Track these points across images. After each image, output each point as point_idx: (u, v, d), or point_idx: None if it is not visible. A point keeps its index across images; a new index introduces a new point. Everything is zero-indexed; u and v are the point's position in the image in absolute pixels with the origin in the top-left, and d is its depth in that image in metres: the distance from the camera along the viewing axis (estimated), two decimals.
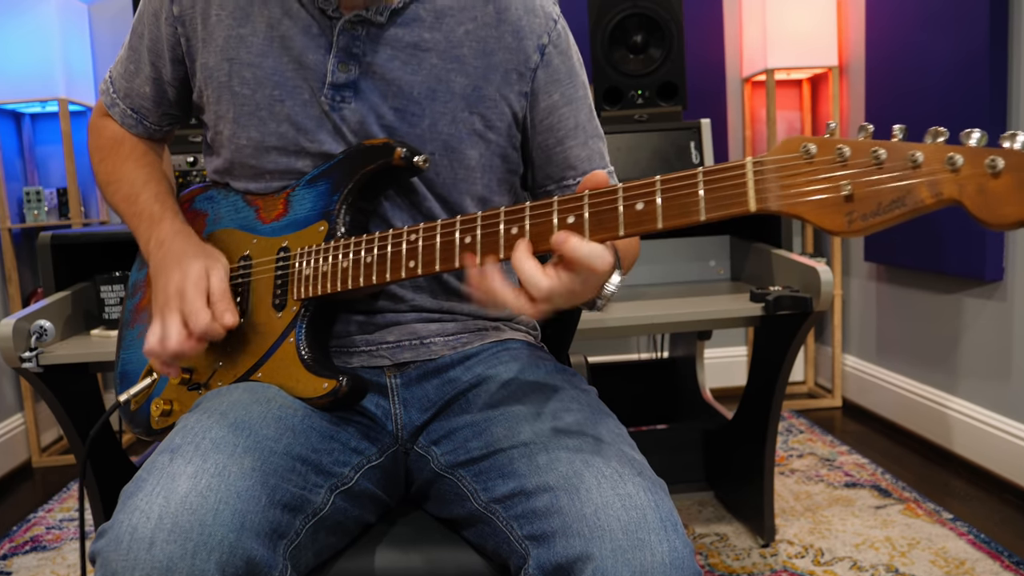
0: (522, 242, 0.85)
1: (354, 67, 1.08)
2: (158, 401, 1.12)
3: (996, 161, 0.63)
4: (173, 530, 0.79)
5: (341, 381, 1.00)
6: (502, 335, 1.19)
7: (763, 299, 1.83)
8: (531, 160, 1.18)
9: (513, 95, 1.13)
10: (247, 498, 0.85)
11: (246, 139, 1.11)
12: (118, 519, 0.82)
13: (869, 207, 0.68)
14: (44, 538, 2.39)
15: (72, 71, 3.07)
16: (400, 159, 1.03)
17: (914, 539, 2.10)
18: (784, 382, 1.95)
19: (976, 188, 0.64)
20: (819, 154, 0.71)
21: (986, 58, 2.32)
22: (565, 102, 1.15)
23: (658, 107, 2.68)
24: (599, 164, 1.18)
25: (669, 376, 2.91)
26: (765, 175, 0.73)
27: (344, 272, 1.01)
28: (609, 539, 0.84)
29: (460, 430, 1.06)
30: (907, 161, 0.66)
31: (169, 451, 0.88)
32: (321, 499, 0.96)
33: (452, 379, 1.12)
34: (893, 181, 0.67)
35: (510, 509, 0.94)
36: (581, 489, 0.89)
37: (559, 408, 1.01)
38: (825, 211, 0.70)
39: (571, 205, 0.84)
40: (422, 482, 1.10)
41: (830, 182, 0.70)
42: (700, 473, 2.52)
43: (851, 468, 2.63)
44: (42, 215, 3.06)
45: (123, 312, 1.26)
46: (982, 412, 2.53)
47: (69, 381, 1.70)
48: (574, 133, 1.16)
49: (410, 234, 0.95)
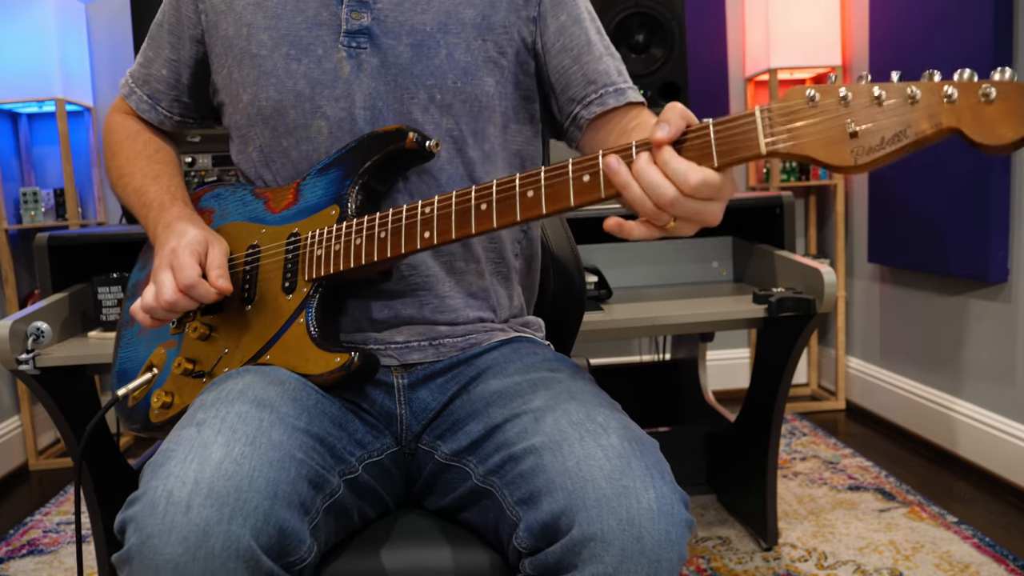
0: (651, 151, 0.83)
1: (366, 13, 1.12)
2: (159, 392, 1.12)
3: (989, 90, 0.70)
4: (210, 495, 0.80)
5: (353, 355, 1.01)
6: (508, 335, 1.20)
7: (766, 301, 1.83)
8: (552, 89, 1.20)
9: (520, 21, 1.16)
10: (279, 468, 0.86)
11: (265, 99, 1.13)
12: (151, 485, 0.82)
13: (873, 141, 0.73)
14: (41, 541, 2.39)
15: (69, 71, 3.07)
16: (413, 143, 1.05)
17: (918, 543, 2.10)
18: (787, 384, 1.96)
19: (972, 115, 0.71)
20: (822, 99, 0.76)
21: (991, 58, 2.32)
22: (573, 22, 1.18)
23: (660, 107, 2.68)
24: (617, 78, 1.18)
25: (671, 378, 2.91)
26: (773, 119, 0.78)
27: (357, 249, 1.02)
28: (592, 489, 0.84)
29: (462, 419, 1.07)
30: (906, 98, 0.73)
31: (195, 424, 0.88)
32: (336, 482, 0.97)
33: (456, 376, 1.13)
34: (894, 115, 0.73)
35: (503, 476, 0.95)
36: (564, 445, 0.89)
37: (553, 383, 1.02)
38: (832, 148, 0.75)
39: (588, 163, 0.87)
40: (427, 476, 1.11)
41: (835, 121, 0.75)
42: (702, 476, 2.52)
43: (855, 471, 2.62)
44: (39, 216, 3.06)
45: (122, 312, 1.26)
46: (987, 415, 2.52)
47: (66, 383, 1.70)
48: (588, 49, 1.18)
49: (424, 207, 0.98)
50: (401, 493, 1.15)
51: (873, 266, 3.16)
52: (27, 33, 2.96)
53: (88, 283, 1.90)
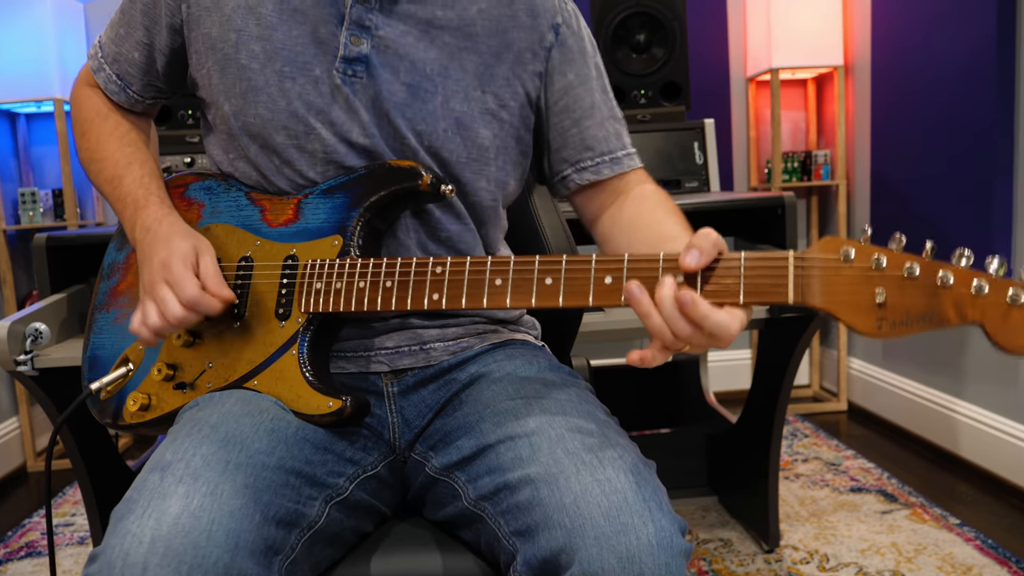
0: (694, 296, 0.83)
1: (366, 40, 1.07)
2: (136, 395, 1.09)
3: (1019, 294, 0.72)
4: (166, 554, 0.79)
5: (346, 402, 0.99)
6: (502, 337, 1.19)
7: None
8: (547, 144, 1.18)
9: (527, 75, 1.13)
10: (240, 517, 0.84)
11: (253, 116, 1.08)
12: (109, 544, 0.81)
13: (898, 316, 0.76)
14: (39, 544, 2.39)
15: (68, 70, 3.07)
16: (427, 186, 1.04)
17: (920, 545, 2.10)
18: (789, 385, 1.95)
19: (998, 315, 0.73)
20: (857, 259, 0.78)
21: (993, 58, 2.33)
22: (580, 82, 1.15)
23: (661, 107, 2.69)
24: (616, 145, 1.17)
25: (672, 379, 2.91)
26: (806, 271, 0.80)
27: (360, 292, 1.00)
28: (591, 527, 0.84)
29: (454, 431, 1.05)
30: (936, 280, 0.75)
31: (159, 469, 0.87)
32: (316, 512, 0.95)
33: (448, 381, 1.12)
34: (923, 296, 0.75)
35: (497, 505, 0.94)
36: (560, 479, 0.88)
37: (546, 401, 1.01)
38: (859, 313, 0.77)
39: (610, 266, 0.87)
40: (418, 488, 1.10)
41: (865, 287, 0.77)
42: (703, 478, 2.52)
43: (857, 473, 2.62)
44: (37, 216, 3.06)
45: (95, 294, 1.21)
46: (989, 416, 2.52)
47: (64, 384, 1.70)
48: (590, 113, 1.16)
49: (435, 266, 0.96)
50: (398, 501, 1.14)
51: None
52: (25, 33, 2.96)
53: (87, 284, 1.89)
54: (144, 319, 1.03)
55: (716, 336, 0.82)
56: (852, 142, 3.26)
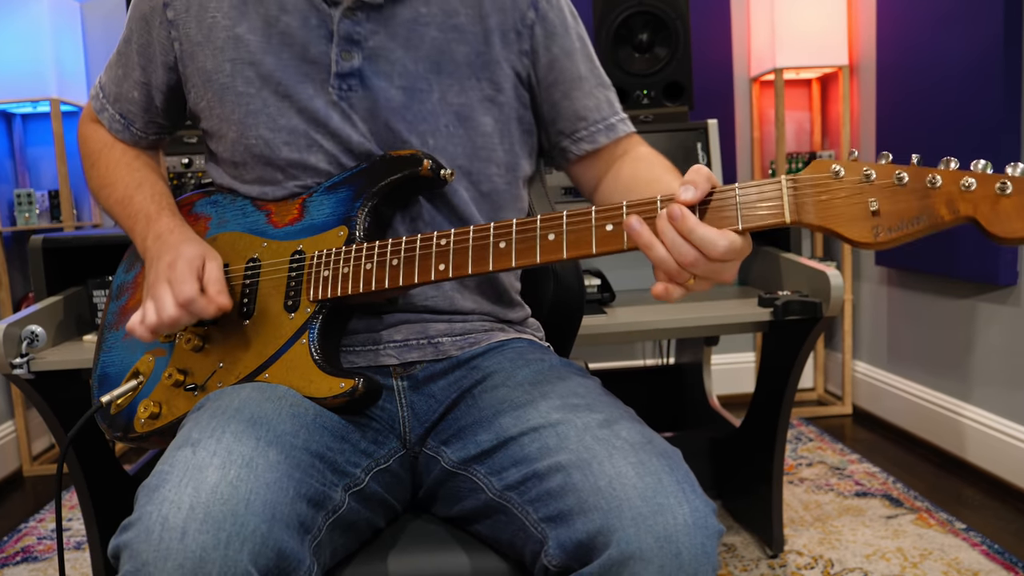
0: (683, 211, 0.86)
1: (357, 54, 1.10)
2: (146, 402, 1.11)
3: (1005, 184, 0.75)
4: (206, 520, 0.80)
5: (358, 382, 1.01)
6: (508, 335, 1.21)
7: (772, 304, 1.83)
8: (542, 120, 1.21)
9: (514, 55, 1.16)
10: (276, 489, 0.86)
11: (255, 138, 1.12)
12: (146, 510, 0.82)
13: (893, 221, 0.79)
14: (35, 548, 2.39)
15: (64, 71, 3.08)
16: (428, 170, 1.06)
17: (926, 550, 2.10)
18: (793, 389, 1.95)
19: (989, 206, 0.75)
20: (847, 175, 0.81)
21: (1000, 57, 2.33)
22: (564, 55, 1.19)
23: (664, 107, 2.69)
24: (608, 112, 1.21)
25: (675, 383, 2.91)
26: (799, 190, 0.83)
27: (367, 274, 1.02)
28: (628, 508, 0.85)
29: (469, 427, 1.07)
30: (926, 183, 0.78)
31: (189, 444, 0.88)
32: (339, 498, 0.97)
33: (459, 377, 1.13)
34: (915, 199, 0.78)
35: (524, 494, 0.95)
36: (593, 463, 0.90)
37: (565, 392, 1.03)
38: (854, 224, 0.80)
39: (612, 214, 0.90)
40: (432, 483, 1.11)
41: (858, 198, 0.80)
42: (707, 482, 2.52)
43: (862, 477, 2.62)
44: (33, 218, 3.07)
45: (105, 314, 1.25)
46: (996, 420, 2.52)
47: (61, 388, 1.70)
48: (578, 84, 1.19)
49: (440, 238, 0.98)
50: (409, 498, 1.15)
51: (880, 269, 3.16)
52: (22, 33, 2.97)
53: (83, 286, 1.90)
54: (142, 317, 1.06)
55: (705, 251, 0.84)
56: (857, 143, 3.26)
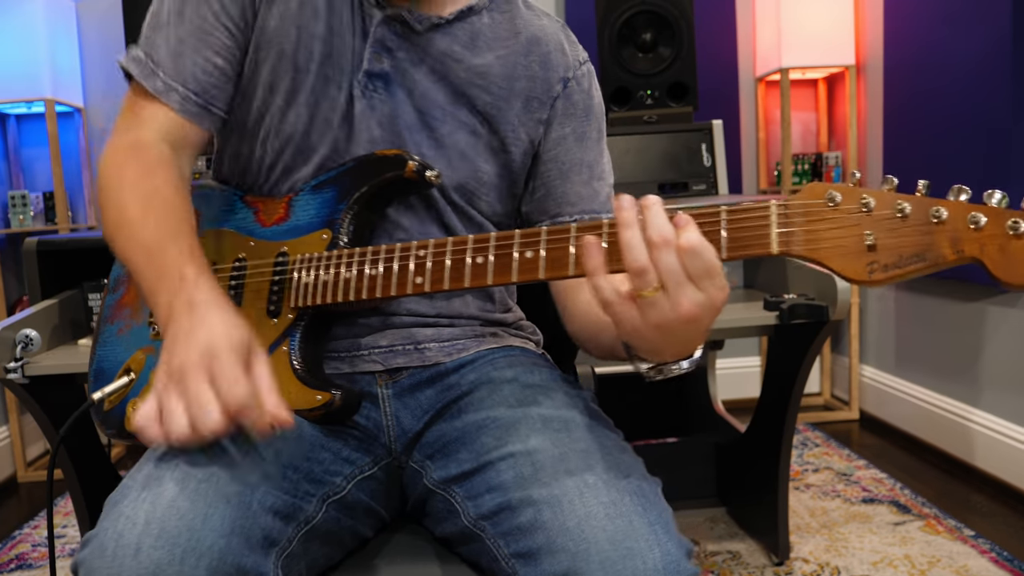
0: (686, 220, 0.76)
1: (387, 60, 1.11)
2: (135, 402, 1.11)
3: (1018, 223, 0.68)
4: (160, 535, 0.79)
5: (335, 395, 1.00)
6: (501, 341, 1.20)
7: (777, 307, 1.83)
8: (530, 192, 1.19)
9: (531, 122, 1.16)
10: (237, 503, 0.85)
11: (295, 117, 1.10)
12: (102, 527, 0.81)
13: (890, 259, 0.72)
14: (30, 556, 2.39)
15: (59, 71, 3.08)
16: (413, 172, 1.06)
17: (934, 557, 2.10)
18: (799, 394, 1.96)
19: (997, 248, 0.69)
20: (843, 202, 0.74)
21: (1009, 57, 2.33)
22: (576, 137, 1.17)
23: (668, 108, 2.69)
24: (601, 207, 1.17)
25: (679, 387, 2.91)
26: (789, 218, 0.76)
27: (346, 283, 1.01)
28: (596, 552, 0.84)
29: (452, 443, 1.06)
30: (930, 216, 0.70)
31: (154, 460, 0.88)
32: (313, 508, 0.96)
33: (447, 386, 1.13)
34: (916, 235, 0.71)
35: (497, 526, 0.94)
36: (564, 501, 0.88)
37: (548, 414, 1.01)
38: (847, 259, 0.73)
39: (592, 232, 0.84)
40: (417, 498, 1.11)
41: (853, 230, 0.73)
42: (712, 488, 2.52)
43: (869, 483, 2.63)
44: (27, 220, 3.07)
45: (102, 307, 1.24)
46: (1005, 425, 2.52)
47: (56, 393, 1.70)
48: (578, 169, 1.17)
49: (419, 249, 0.97)
50: (398, 506, 1.15)
51: None
52: (16, 32, 2.97)
53: (79, 289, 1.90)
54: (161, 416, 0.81)
55: (692, 278, 0.77)
56: (864, 143, 3.26)
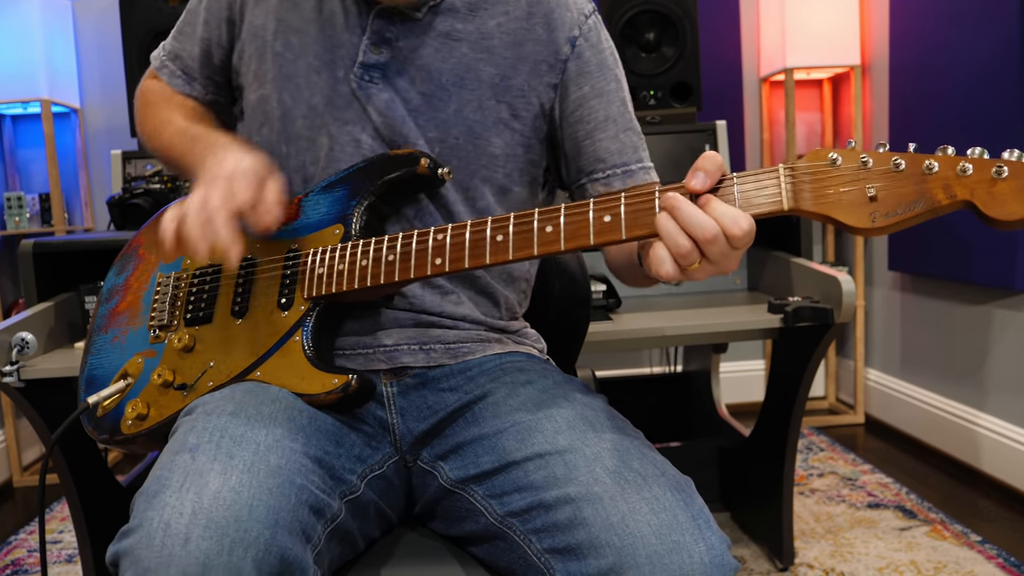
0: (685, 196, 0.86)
1: (386, 51, 1.14)
2: (135, 403, 1.11)
3: (1002, 168, 0.77)
4: (208, 526, 0.80)
5: (351, 378, 1.02)
6: (506, 347, 1.21)
7: (782, 310, 1.83)
8: (564, 154, 1.22)
9: (542, 86, 1.18)
10: (279, 495, 0.86)
11: (277, 102, 1.15)
12: (146, 516, 0.82)
13: (890, 207, 0.81)
14: (26, 561, 2.39)
15: (55, 71, 3.09)
16: (425, 168, 1.09)
17: (941, 562, 2.10)
18: (804, 397, 1.96)
19: (985, 191, 0.78)
20: (844, 163, 0.83)
21: (1017, 56, 2.33)
22: (595, 94, 1.19)
23: (672, 108, 2.70)
24: (631, 158, 1.21)
25: (683, 391, 2.91)
26: (796, 178, 0.85)
27: (363, 270, 1.03)
28: (643, 546, 0.85)
29: (469, 444, 1.07)
30: (924, 169, 0.80)
31: (187, 450, 0.89)
32: (337, 506, 0.98)
33: (452, 389, 1.13)
34: (912, 184, 0.81)
35: (528, 523, 0.95)
36: (604, 498, 0.90)
37: (571, 416, 1.02)
38: (852, 210, 0.82)
39: (608, 204, 0.91)
40: (429, 499, 1.11)
41: (855, 185, 0.83)
42: (715, 493, 2.52)
43: (874, 488, 2.62)
44: (23, 222, 3.07)
45: (94, 318, 1.26)
46: (1012, 429, 2.52)
47: (52, 396, 1.70)
48: (603, 126, 1.20)
49: (437, 233, 1.00)
50: (403, 507, 1.16)
51: (893, 274, 3.16)
52: (12, 32, 2.97)
53: (75, 292, 1.90)
54: (177, 214, 0.99)
55: (727, 228, 0.84)
56: (870, 145, 3.26)
